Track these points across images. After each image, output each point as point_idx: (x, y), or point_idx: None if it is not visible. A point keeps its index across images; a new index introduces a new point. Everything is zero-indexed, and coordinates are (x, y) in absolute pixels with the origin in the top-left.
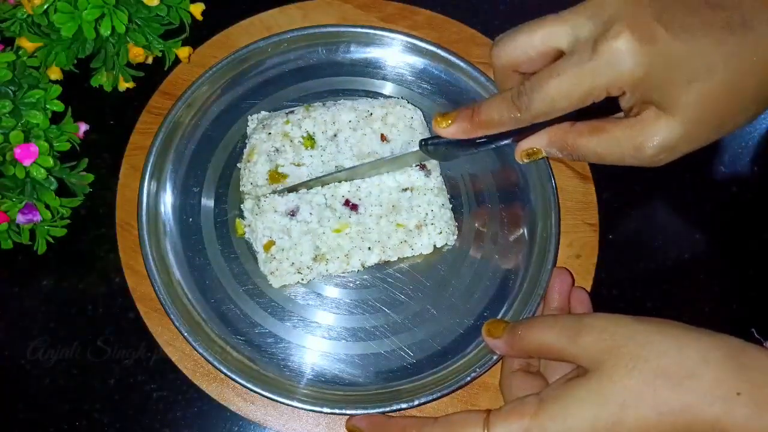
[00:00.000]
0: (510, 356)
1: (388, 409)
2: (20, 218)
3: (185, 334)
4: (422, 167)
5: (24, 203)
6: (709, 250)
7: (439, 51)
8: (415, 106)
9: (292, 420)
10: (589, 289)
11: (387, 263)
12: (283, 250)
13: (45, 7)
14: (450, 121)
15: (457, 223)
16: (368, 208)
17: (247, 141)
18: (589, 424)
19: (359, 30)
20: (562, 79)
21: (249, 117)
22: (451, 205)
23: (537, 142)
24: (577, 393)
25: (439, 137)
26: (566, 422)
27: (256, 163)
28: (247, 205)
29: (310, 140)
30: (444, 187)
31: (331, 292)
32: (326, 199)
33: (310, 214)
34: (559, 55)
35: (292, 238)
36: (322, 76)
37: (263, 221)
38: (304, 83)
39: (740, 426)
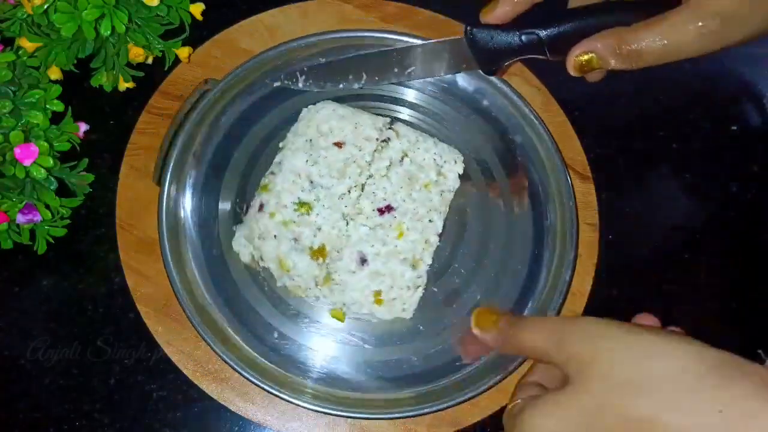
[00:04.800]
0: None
1: (397, 415)
2: (20, 218)
3: (207, 338)
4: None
5: (24, 203)
6: (709, 250)
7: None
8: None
9: (292, 420)
10: (589, 289)
11: None
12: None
13: (45, 7)
14: (497, 3)
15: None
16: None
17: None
18: (563, 427)
19: (393, 37)
20: None
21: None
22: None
23: (590, 46)
24: (551, 406)
25: (485, 27)
26: (543, 422)
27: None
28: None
29: (305, 207)
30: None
31: None
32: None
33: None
34: None
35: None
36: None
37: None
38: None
39: None
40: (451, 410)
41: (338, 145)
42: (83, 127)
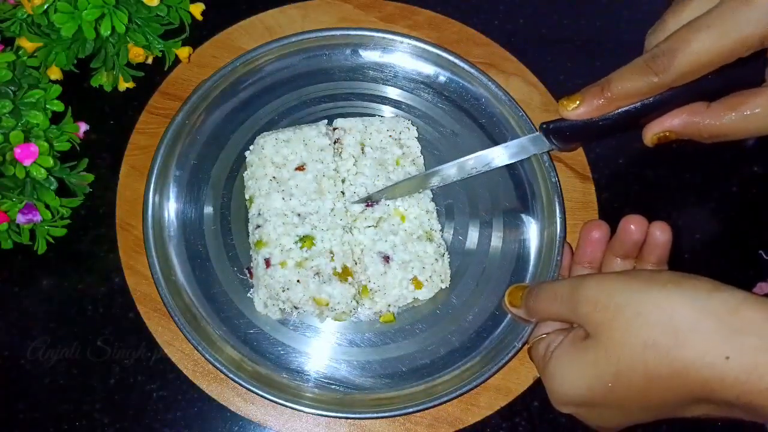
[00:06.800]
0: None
1: (397, 412)
2: (20, 218)
3: (200, 348)
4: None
5: (24, 203)
6: (709, 249)
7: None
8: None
9: (291, 420)
10: None
11: None
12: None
13: (45, 7)
14: (578, 102)
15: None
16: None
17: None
18: (586, 388)
19: (366, 33)
20: (711, 31)
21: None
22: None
23: (669, 124)
24: (576, 360)
25: (560, 120)
26: (563, 386)
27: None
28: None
29: (308, 240)
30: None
31: None
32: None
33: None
34: None
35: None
36: (323, 81)
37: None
38: (305, 88)
39: (728, 388)
40: (451, 410)
41: (300, 168)
42: (83, 127)
